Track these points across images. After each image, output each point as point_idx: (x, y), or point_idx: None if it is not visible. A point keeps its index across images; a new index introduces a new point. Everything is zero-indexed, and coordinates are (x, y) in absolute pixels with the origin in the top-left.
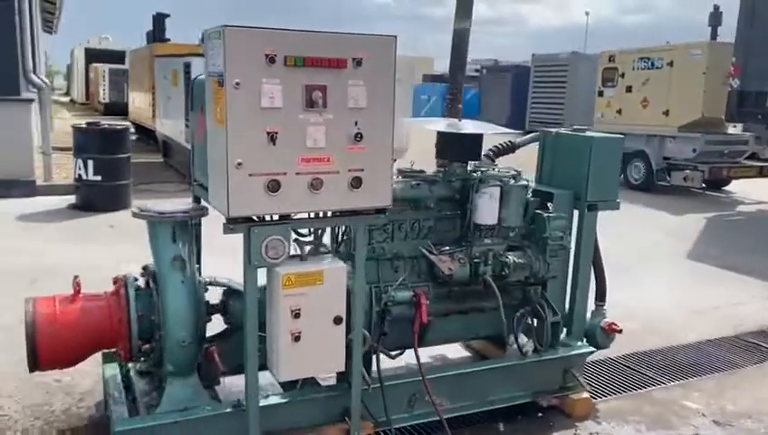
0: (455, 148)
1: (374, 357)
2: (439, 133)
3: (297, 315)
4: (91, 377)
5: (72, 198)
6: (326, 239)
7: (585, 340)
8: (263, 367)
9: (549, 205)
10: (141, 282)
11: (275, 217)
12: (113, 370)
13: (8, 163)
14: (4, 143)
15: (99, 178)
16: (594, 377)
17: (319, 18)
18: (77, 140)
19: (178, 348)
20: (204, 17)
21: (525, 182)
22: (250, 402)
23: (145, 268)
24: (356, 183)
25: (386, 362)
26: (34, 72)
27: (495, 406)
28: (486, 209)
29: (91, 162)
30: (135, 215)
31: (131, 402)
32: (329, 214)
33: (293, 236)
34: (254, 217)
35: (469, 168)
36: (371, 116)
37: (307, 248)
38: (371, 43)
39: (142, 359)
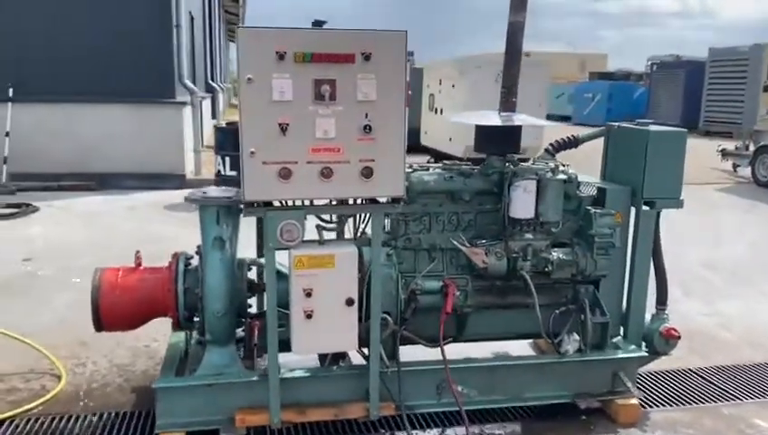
0: (491, 140)
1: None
2: (477, 126)
3: (309, 295)
4: None
5: None
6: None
7: (644, 345)
8: None
9: None
10: (196, 260)
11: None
12: (178, 338)
13: (163, 159)
14: (160, 141)
15: (234, 173)
16: (658, 385)
17: (485, 14)
18: (217, 139)
19: (214, 318)
20: (368, 22)
21: (565, 176)
22: (271, 373)
23: (199, 247)
24: (367, 173)
25: (424, 351)
26: (212, 79)
27: (529, 403)
28: (521, 203)
29: (228, 159)
30: (186, 199)
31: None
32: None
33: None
34: (274, 203)
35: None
36: (381, 108)
37: (333, 234)
38: (380, 39)
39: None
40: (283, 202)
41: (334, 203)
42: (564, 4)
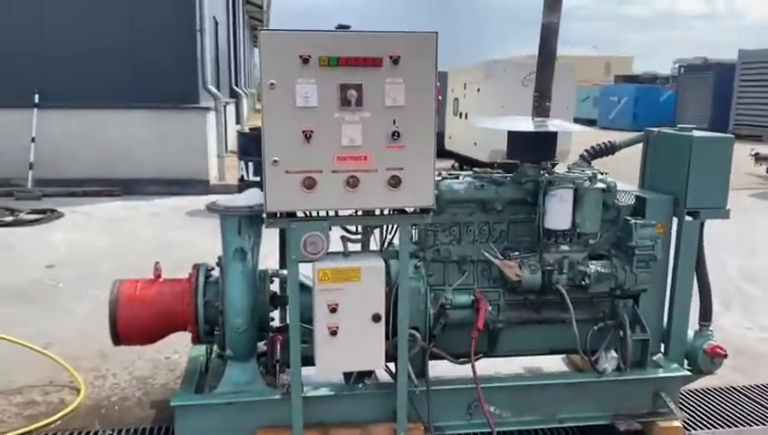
0: (524, 147)
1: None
2: (509, 132)
3: (333, 310)
4: None
5: None
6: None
7: (686, 363)
8: None
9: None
10: (217, 271)
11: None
12: (198, 351)
13: (187, 164)
14: (184, 146)
15: (258, 178)
16: (700, 404)
17: (503, 19)
18: (241, 144)
19: (235, 334)
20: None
21: (603, 185)
22: (294, 392)
23: (220, 258)
24: (395, 182)
25: (453, 367)
26: (237, 84)
27: (565, 424)
28: (557, 213)
29: (251, 164)
30: (208, 208)
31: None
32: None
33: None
34: (297, 213)
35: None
36: (411, 114)
37: (357, 246)
38: (409, 41)
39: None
40: (307, 213)
41: (360, 214)
42: (588, 7)
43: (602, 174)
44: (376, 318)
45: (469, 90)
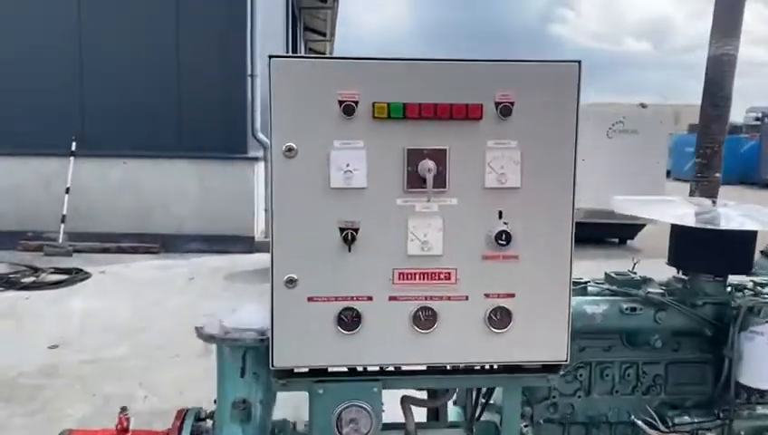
0: (702, 251)
1: None
2: (674, 226)
3: None
4: None
5: None
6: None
7: None
8: None
9: None
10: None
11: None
12: None
13: (231, 219)
14: (229, 199)
15: None
16: None
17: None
18: None
19: None
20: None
21: None
22: None
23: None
24: (500, 318)
25: None
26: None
27: None
28: (761, 362)
29: None
30: (197, 332)
31: None
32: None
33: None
34: (327, 368)
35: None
36: (530, 200)
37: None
38: (530, 76)
39: None
40: (346, 368)
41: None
42: (651, 54)
43: None
44: None
45: None
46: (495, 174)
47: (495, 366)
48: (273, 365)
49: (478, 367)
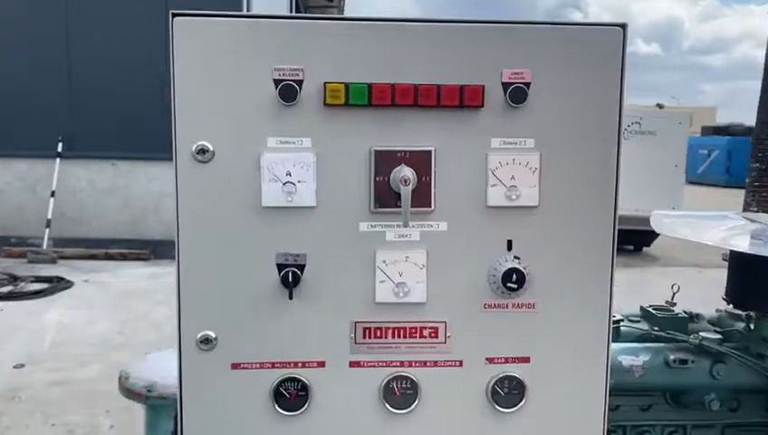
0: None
1: None
2: (733, 253)
3: None
4: None
5: None
6: None
7: None
8: None
9: None
10: None
11: None
12: None
13: None
14: None
15: None
16: None
17: None
18: None
19: None
20: None
21: None
22: None
23: None
24: (509, 391)
25: None
26: None
27: None
28: None
29: None
30: (122, 384)
31: None
32: None
33: None
34: None
35: None
36: (555, 226)
37: None
38: (553, 46)
39: None
40: None
41: None
42: (660, 57)
43: None
44: None
45: None
46: (503, 187)
47: None
48: None
49: None
